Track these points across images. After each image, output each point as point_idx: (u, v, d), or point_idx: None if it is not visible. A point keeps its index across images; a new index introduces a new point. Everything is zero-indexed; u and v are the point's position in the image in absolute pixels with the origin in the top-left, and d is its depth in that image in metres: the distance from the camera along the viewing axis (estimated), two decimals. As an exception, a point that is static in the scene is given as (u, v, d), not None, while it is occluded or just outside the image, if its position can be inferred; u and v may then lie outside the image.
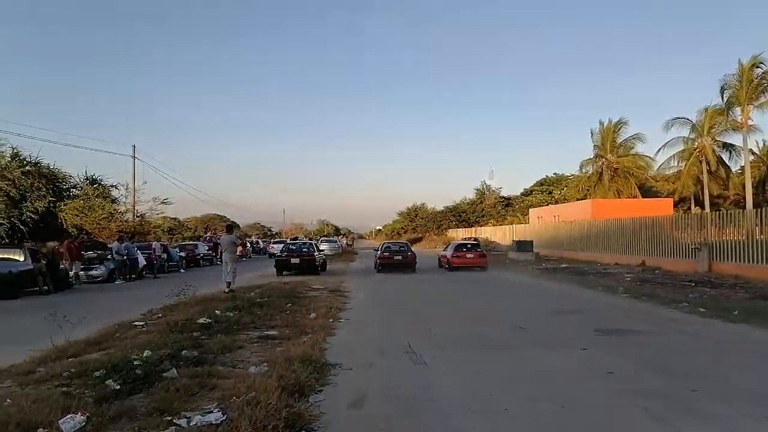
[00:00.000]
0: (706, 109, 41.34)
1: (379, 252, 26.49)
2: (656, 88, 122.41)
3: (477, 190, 76.77)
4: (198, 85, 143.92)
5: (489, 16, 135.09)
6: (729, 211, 22.86)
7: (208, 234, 50.47)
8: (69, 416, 4.16)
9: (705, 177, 42.41)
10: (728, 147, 42.50)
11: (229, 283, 14.92)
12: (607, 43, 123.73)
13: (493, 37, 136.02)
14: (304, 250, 24.42)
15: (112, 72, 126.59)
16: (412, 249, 27.82)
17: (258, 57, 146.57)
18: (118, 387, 5.09)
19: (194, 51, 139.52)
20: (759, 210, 19.55)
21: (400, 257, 25.03)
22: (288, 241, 36.65)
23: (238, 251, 16.82)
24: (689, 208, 45.21)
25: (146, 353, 6.35)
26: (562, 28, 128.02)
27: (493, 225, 59.66)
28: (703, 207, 41.86)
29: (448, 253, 26.25)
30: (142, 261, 22.75)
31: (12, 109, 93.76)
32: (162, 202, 34.53)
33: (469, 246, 27.11)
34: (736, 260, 18.08)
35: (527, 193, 69.95)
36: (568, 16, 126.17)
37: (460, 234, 62.02)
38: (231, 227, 17.47)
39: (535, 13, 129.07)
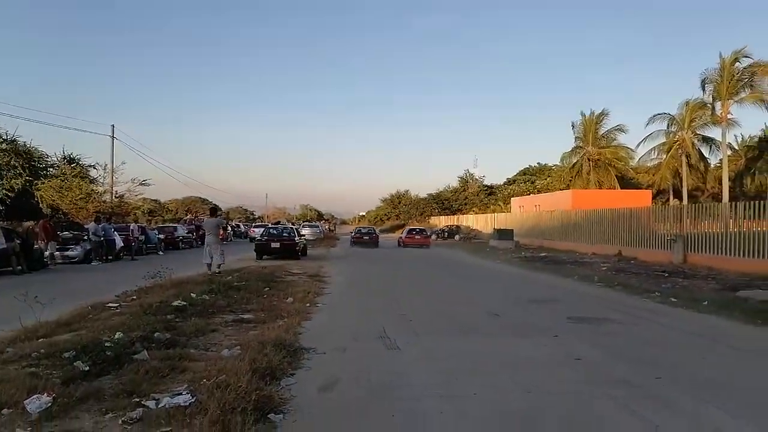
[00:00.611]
0: (687, 103, 41.84)
1: (353, 234, 38.48)
2: (641, 80, 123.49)
3: (460, 178, 77.18)
4: (180, 65, 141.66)
5: (473, 6, 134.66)
6: (705, 204, 23.29)
7: (188, 216, 50.02)
8: (35, 397, 4.12)
9: (684, 170, 43.04)
10: (708, 141, 43.15)
11: (209, 264, 14.90)
12: (593, 35, 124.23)
13: (479, 26, 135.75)
14: (284, 234, 24.37)
15: (90, 50, 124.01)
16: (377, 232, 39.79)
17: (240, 36, 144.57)
18: (87, 368, 5.05)
19: (174, 28, 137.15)
20: (734, 203, 19.92)
21: (367, 237, 36.24)
22: (269, 225, 36.47)
23: (220, 234, 16.76)
24: (668, 200, 45.90)
25: (118, 335, 6.30)
26: (549, 17, 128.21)
27: (476, 213, 60.02)
28: (681, 199, 42.53)
29: (403, 235, 37.78)
30: (119, 242, 22.50)
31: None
32: (141, 183, 34.22)
33: (417, 230, 38.39)
34: (710, 252, 18.42)
35: (510, 182, 70.49)
36: (554, 6, 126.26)
37: (442, 221, 62.29)
38: (215, 210, 17.25)
39: (520, 3, 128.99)
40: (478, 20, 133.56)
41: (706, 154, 44.52)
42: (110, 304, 9.14)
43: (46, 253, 18.92)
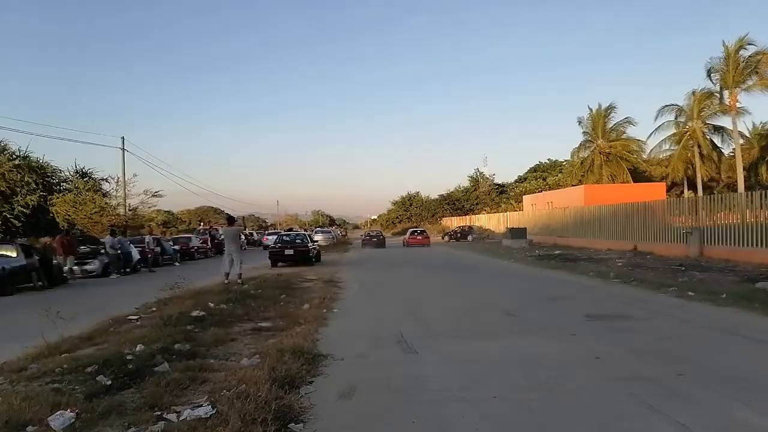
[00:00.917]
0: (693, 93, 41.36)
1: (363, 237, 46.22)
2: (650, 70, 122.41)
3: (471, 177, 76.99)
4: (188, 76, 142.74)
5: (475, 1, 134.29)
6: (720, 195, 23.01)
7: (201, 226, 50.36)
8: (59, 413, 4.18)
9: (696, 161, 42.55)
10: (719, 130, 42.61)
11: (228, 274, 14.94)
12: (602, 29, 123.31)
13: (487, 23, 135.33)
14: (297, 241, 24.48)
15: (98, 62, 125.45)
16: (383, 234, 47.29)
17: (249, 45, 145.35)
18: (110, 382, 5.10)
19: (183, 39, 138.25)
20: (750, 193, 19.67)
21: (375, 239, 42.67)
22: (282, 232, 36.62)
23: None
24: (682, 192, 45.40)
25: (139, 347, 6.38)
26: (557, 13, 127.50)
27: (488, 213, 59.83)
28: (695, 191, 42.04)
29: (406, 236, 44.31)
30: (135, 255, 22.70)
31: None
32: (153, 195, 34.46)
33: (418, 232, 44.76)
34: (727, 244, 18.21)
35: (521, 179, 70.18)
36: (562, 1, 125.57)
37: (454, 222, 62.22)
38: (233, 219, 17.21)
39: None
40: (481, 15, 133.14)
41: (718, 143, 44.00)
42: (131, 317, 9.23)
43: (65, 268, 19.12)
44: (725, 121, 40.81)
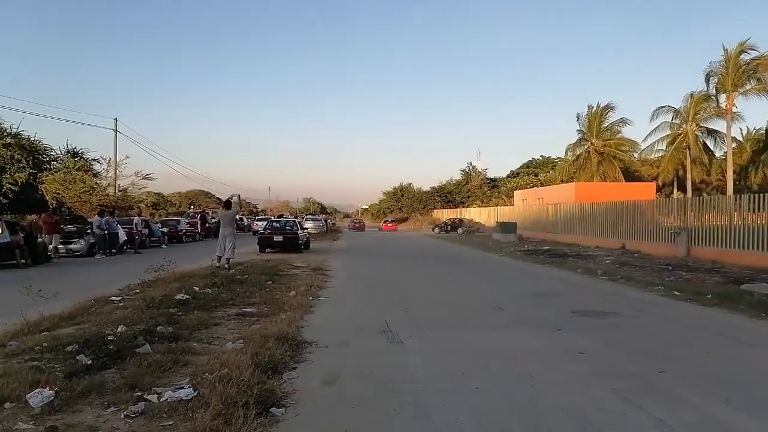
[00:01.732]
0: (691, 95, 41.61)
1: (350, 223, 63.62)
2: (648, 72, 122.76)
3: (463, 171, 77.04)
4: (183, 59, 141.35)
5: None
6: (709, 197, 23.14)
7: (192, 209, 50.06)
8: (37, 391, 4.13)
9: (688, 162, 42.85)
10: (713, 133, 42.94)
11: (220, 257, 14.83)
12: (598, 25, 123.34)
13: (483, 18, 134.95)
14: (287, 227, 24.40)
15: (94, 43, 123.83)
16: (363, 222, 67.59)
17: (242, 29, 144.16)
18: (90, 362, 5.05)
19: (176, 22, 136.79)
20: (738, 196, 19.82)
21: (358, 224, 60.90)
22: (272, 218, 36.51)
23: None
24: (672, 193, 45.73)
25: (120, 328, 6.32)
26: (552, 10, 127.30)
27: (479, 206, 59.96)
28: (685, 192, 42.37)
29: (381, 224, 60.35)
30: (122, 236, 22.51)
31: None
32: (144, 177, 34.10)
33: (390, 221, 61.64)
34: (714, 245, 18.34)
35: (513, 175, 70.37)
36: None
37: (445, 214, 62.33)
38: (229, 203, 17.01)
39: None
40: (480, 8, 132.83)
41: (711, 146, 44.34)
42: (113, 298, 9.15)
43: (50, 247, 18.94)
44: (719, 125, 41.17)
